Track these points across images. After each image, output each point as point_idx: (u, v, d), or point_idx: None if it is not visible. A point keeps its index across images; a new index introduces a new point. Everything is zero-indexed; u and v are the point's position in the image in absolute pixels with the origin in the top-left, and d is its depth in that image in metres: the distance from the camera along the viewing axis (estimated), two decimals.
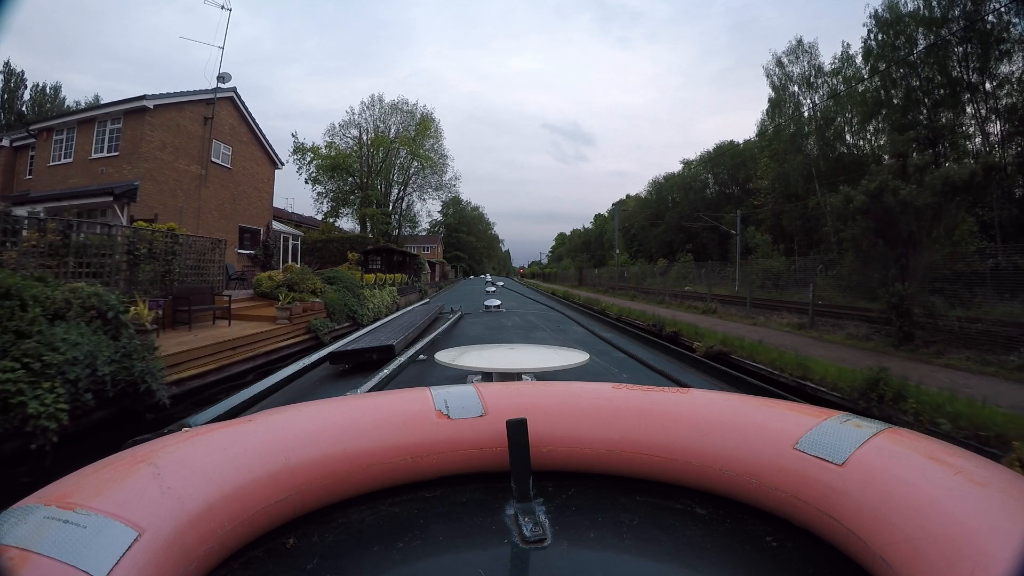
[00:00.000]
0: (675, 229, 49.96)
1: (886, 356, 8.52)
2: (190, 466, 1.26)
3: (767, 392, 4.82)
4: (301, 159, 37.95)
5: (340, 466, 1.55)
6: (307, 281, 13.14)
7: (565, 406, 1.84)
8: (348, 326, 12.78)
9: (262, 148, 21.28)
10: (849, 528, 1.23)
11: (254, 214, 20.92)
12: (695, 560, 1.37)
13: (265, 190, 21.80)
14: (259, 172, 21.20)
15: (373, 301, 15.62)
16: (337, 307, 12.96)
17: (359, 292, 15.08)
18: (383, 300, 16.89)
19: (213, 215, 17.96)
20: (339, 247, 27.65)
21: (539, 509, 1.55)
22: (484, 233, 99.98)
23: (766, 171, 36.44)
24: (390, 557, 1.34)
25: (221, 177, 18.52)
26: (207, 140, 17.64)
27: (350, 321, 13.36)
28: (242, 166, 19.81)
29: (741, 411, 1.69)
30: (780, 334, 11.55)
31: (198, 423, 2.29)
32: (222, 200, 18.61)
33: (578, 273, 56.16)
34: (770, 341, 9.60)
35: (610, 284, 37.52)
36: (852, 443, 1.35)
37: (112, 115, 15.56)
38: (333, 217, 39.07)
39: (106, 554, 0.93)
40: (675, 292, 24.87)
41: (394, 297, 19.13)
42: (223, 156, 18.64)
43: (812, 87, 34.39)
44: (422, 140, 41.32)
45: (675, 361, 6.79)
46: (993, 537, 0.96)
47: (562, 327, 9.52)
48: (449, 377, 3.67)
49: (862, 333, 11.11)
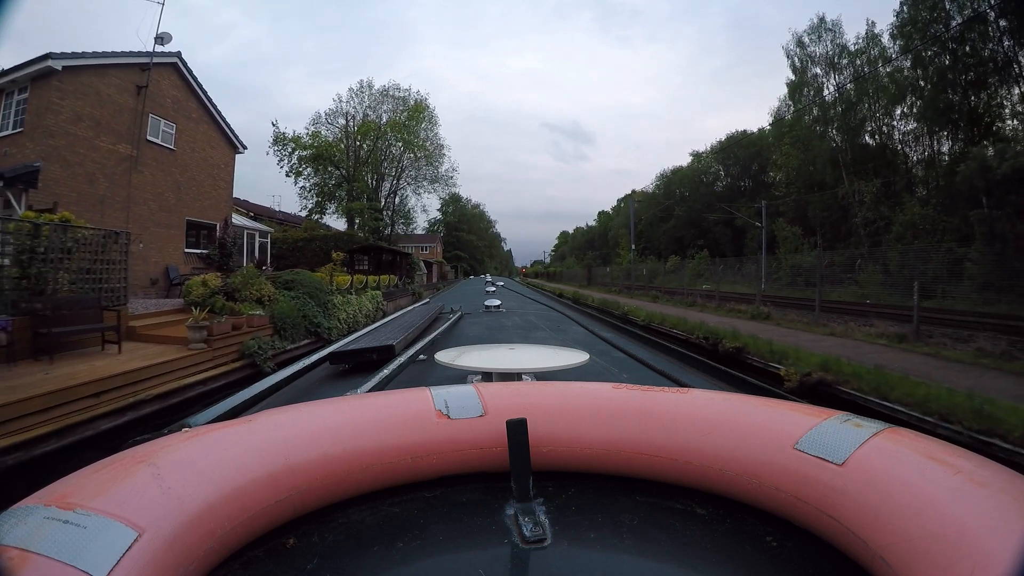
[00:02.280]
0: (686, 224, 47.97)
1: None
2: (190, 466, 1.26)
3: (767, 392, 4.82)
4: (282, 150, 34.23)
5: (340, 466, 1.55)
6: (252, 286, 10.47)
7: (565, 406, 1.84)
8: (308, 344, 10.50)
9: (218, 128, 17.58)
10: (849, 528, 1.23)
11: (207, 206, 17.13)
12: (695, 560, 1.37)
13: (222, 178, 18.03)
14: (214, 156, 17.44)
15: (346, 310, 13.37)
16: (290, 321, 10.33)
17: (326, 299, 12.53)
18: (362, 307, 14.71)
19: (149, 206, 14.57)
20: (322, 246, 25.36)
21: (539, 509, 1.55)
22: (485, 231, 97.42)
23: (787, 159, 34.18)
24: (390, 557, 1.34)
25: (161, 160, 15.10)
26: (141, 114, 14.23)
27: (312, 337, 10.97)
28: (190, 148, 16.29)
29: (741, 411, 1.69)
30: (877, 350, 9.00)
31: (198, 423, 2.30)
32: (162, 188, 15.18)
33: (586, 272, 53.33)
34: (874, 361, 7.28)
35: (624, 283, 34.37)
36: (852, 443, 1.35)
37: (19, 82, 12.50)
38: (319, 214, 35.64)
39: (106, 554, 0.93)
40: (707, 292, 21.59)
41: (378, 302, 17.02)
42: (164, 135, 15.19)
43: (836, 68, 31.69)
44: (415, 127, 37.59)
45: (675, 361, 6.79)
46: (993, 537, 0.96)
47: (562, 327, 9.52)
48: (449, 377, 3.66)
49: (1001, 349, 8.32)
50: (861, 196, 28.38)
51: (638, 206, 57.92)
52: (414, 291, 27.14)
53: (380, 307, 17.09)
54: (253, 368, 8.47)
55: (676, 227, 49.58)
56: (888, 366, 7.06)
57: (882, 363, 7.19)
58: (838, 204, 30.61)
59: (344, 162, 35.91)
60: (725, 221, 41.28)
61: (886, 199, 27.45)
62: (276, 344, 9.54)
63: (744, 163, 46.21)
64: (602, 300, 21.84)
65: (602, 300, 21.84)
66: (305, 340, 10.69)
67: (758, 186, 43.37)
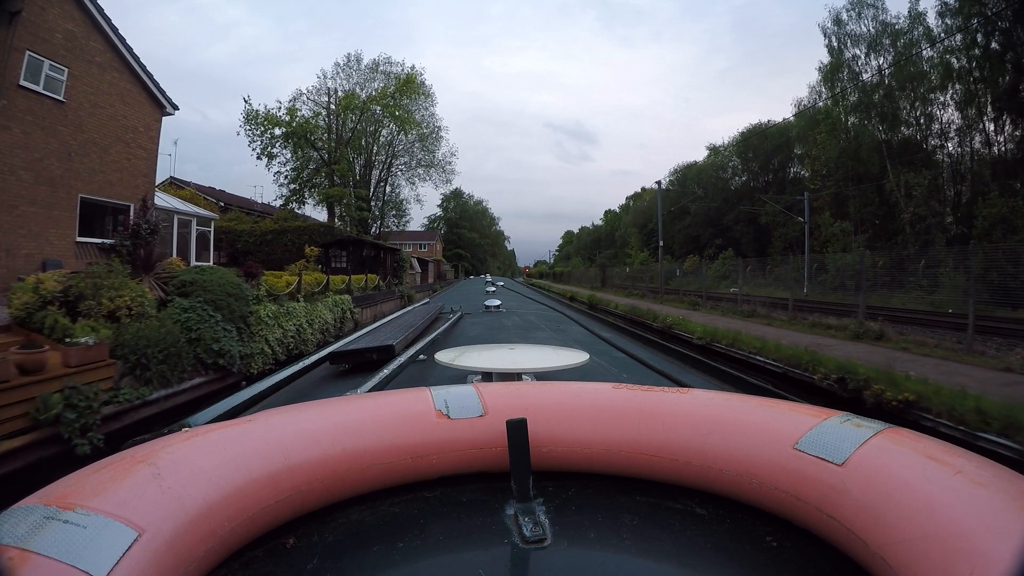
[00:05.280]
0: (703, 222, 44.69)
1: None
2: (190, 466, 1.27)
3: (768, 392, 4.82)
4: (254, 130, 28.67)
5: (340, 466, 1.55)
6: (107, 291, 6.97)
7: (565, 406, 1.84)
8: (202, 384, 7.34)
9: (135, 79, 13.25)
10: (849, 528, 1.23)
11: (115, 180, 12.80)
12: (695, 560, 1.37)
13: (142, 145, 13.70)
14: (128, 115, 13.20)
15: (284, 325, 9.71)
16: (159, 349, 6.66)
17: (244, 312, 8.80)
18: (315, 320, 11.15)
19: (19, 177, 10.51)
20: (295, 240, 22.24)
21: (539, 509, 1.55)
22: (488, 229, 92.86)
23: (824, 148, 30.84)
24: (390, 557, 1.34)
25: (42, 116, 11.10)
26: (9, 50, 10.36)
27: (211, 372, 7.58)
28: (91, 102, 12.11)
29: (741, 411, 1.69)
30: None
31: (198, 423, 2.29)
32: (41, 153, 11.10)
33: (600, 272, 48.64)
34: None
35: (648, 286, 29.67)
36: (852, 443, 1.35)
37: None
38: (297, 203, 30.57)
39: (106, 554, 0.93)
40: (767, 300, 17.29)
41: (345, 311, 13.27)
42: (49, 82, 11.12)
43: (877, 49, 28.72)
44: (409, 102, 32.33)
45: (675, 361, 6.79)
46: (993, 537, 0.96)
47: (562, 327, 9.52)
48: (449, 377, 3.66)
49: None
50: (909, 189, 25.97)
51: (648, 204, 52.55)
52: (403, 293, 23.83)
53: (350, 316, 13.49)
54: (61, 445, 5.04)
55: (692, 225, 46.03)
56: None
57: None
58: (882, 199, 28.15)
59: (326, 143, 30.68)
60: (747, 219, 38.84)
61: (935, 193, 25.67)
62: (125, 394, 5.99)
63: (765, 157, 42.62)
64: (630, 307, 18.20)
65: (630, 307, 18.20)
66: (197, 379, 7.20)
67: (780, 182, 40.62)
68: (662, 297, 24.20)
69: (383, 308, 17.19)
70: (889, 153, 27.84)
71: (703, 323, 12.54)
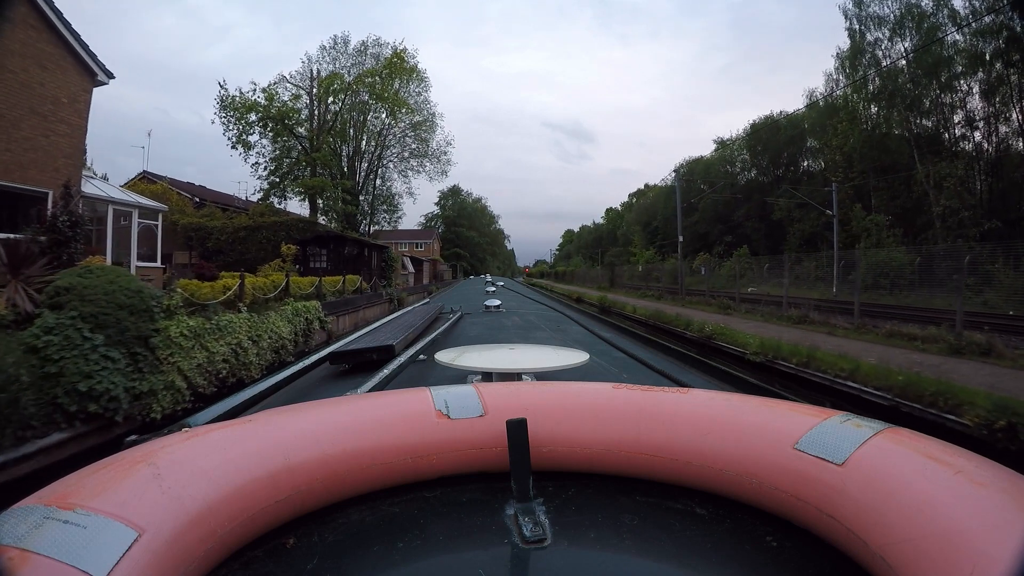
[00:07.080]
0: (711, 219, 42.77)
1: None
2: (190, 466, 1.27)
3: (768, 392, 4.81)
4: (229, 116, 25.48)
5: (340, 466, 1.55)
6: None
7: (565, 406, 1.84)
8: (53, 447, 5.00)
9: (58, 40, 10.98)
10: (849, 528, 1.23)
11: (27, 162, 10.46)
12: (695, 560, 1.37)
13: (65, 119, 11.40)
14: (47, 83, 10.84)
15: (211, 347, 7.34)
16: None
17: (145, 331, 6.34)
18: (263, 336, 8.75)
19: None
20: (271, 236, 20.39)
21: (539, 509, 1.55)
22: (487, 227, 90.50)
23: (844, 138, 29.08)
24: (390, 557, 1.34)
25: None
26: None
27: (82, 424, 5.32)
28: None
29: (741, 411, 1.69)
30: None
31: (198, 423, 2.29)
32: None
33: (609, 272, 45.48)
34: None
35: (666, 286, 27.07)
36: (852, 443, 1.35)
37: None
38: (278, 197, 27.40)
39: (106, 554, 0.93)
40: (817, 303, 14.36)
41: (312, 321, 11.13)
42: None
43: (902, 32, 27.02)
44: (400, 85, 29.47)
45: (675, 361, 6.79)
46: (993, 537, 0.96)
47: (562, 327, 9.51)
48: (449, 377, 3.66)
49: None
50: (939, 180, 24.56)
51: (651, 201, 50.23)
52: (392, 296, 21.49)
53: (318, 327, 11.14)
54: None
55: (700, 222, 43.32)
56: None
57: None
58: (909, 191, 26.43)
59: (308, 131, 27.81)
60: (758, 215, 37.52)
61: (966, 184, 24.36)
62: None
63: (776, 150, 40.88)
64: (653, 311, 15.53)
65: (653, 311, 15.53)
66: (55, 435, 5.04)
67: (791, 175, 38.83)
68: (683, 299, 21.64)
69: (366, 314, 14.57)
70: (916, 143, 26.35)
71: (745, 331, 10.69)
